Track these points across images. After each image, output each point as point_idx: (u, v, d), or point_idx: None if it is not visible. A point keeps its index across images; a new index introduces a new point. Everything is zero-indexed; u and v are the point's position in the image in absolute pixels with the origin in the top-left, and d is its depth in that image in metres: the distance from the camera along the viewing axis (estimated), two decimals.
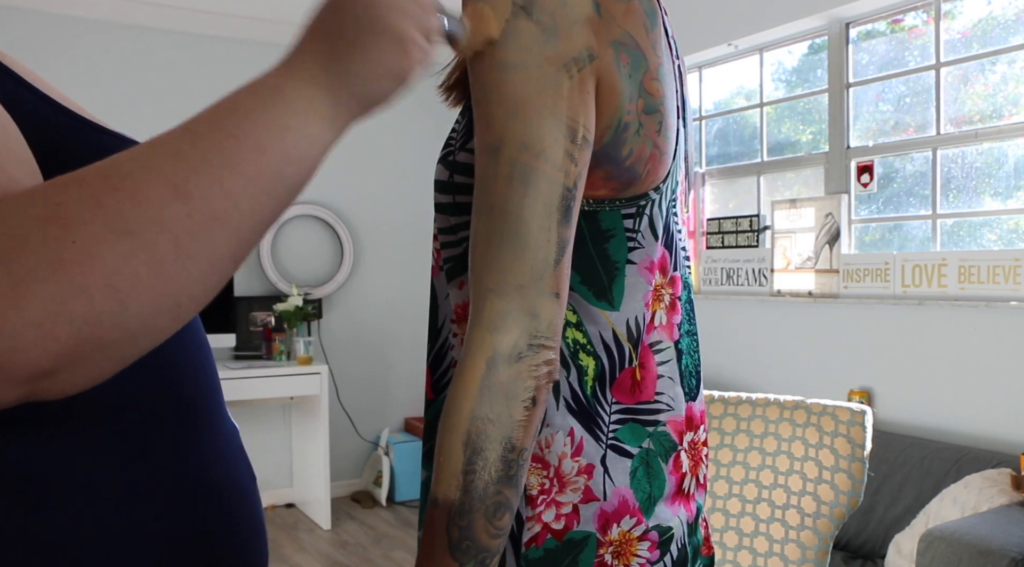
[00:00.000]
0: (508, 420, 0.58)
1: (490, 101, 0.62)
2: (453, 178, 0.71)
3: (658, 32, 0.69)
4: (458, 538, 0.58)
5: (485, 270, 0.61)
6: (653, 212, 0.71)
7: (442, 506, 0.59)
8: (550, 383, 0.61)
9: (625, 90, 0.65)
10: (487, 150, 0.62)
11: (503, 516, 0.59)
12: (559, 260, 0.61)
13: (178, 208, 0.44)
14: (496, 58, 0.62)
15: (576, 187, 0.62)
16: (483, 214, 0.62)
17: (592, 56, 0.63)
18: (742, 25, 3.48)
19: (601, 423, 0.69)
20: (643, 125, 0.67)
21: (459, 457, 0.58)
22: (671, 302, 0.75)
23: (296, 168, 0.49)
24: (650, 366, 0.72)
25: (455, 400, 0.59)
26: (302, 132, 0.49)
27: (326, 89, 0.51)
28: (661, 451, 0.72)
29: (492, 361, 0.58)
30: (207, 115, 0.48)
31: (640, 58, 0.66)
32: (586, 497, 0.67)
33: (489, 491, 0.58)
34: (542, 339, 0.60)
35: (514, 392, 0.59)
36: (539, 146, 0.60)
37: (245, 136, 0.47)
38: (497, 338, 0.59)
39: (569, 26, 0.62)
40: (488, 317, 0.59)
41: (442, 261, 0.75)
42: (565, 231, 0.62)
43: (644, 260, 0.71)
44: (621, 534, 0.68)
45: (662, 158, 0.70)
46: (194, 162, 0.45)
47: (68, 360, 0.42)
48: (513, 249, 0.60)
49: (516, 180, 0.60)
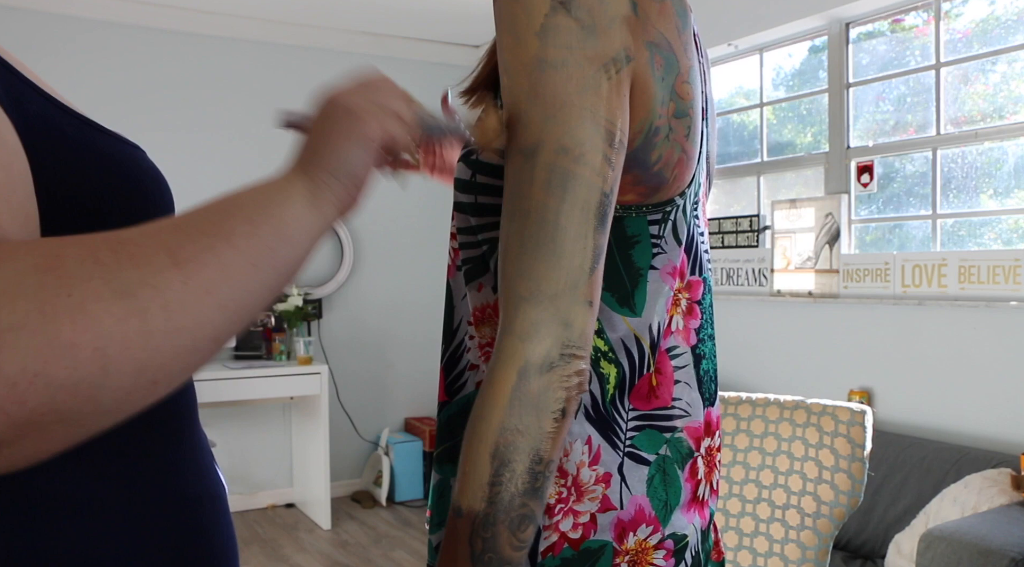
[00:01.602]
0: (537, 432, 0.57)
1: (527, 101, 0.60)
2: (475, 178, 0.70)
3: (688, 33, 0.68)
4: (481, 550, 0.57)
5: (518, 277, 0.59)
6: (677, 217, 0.70)
7: (466, 516, 0.58)
8: (580, 394, 0.59)
9: (658, 93, 0.64)
10: (522, 152, 0.60)
11: (527, 528, 0.58)
12: (594, 268, 0.60)
13: (174, 274, 0.43)
14: (534, 55, 0.59)
15: (612, 192, 0.61)
16: (517, 219, 0.60)
17: (629, 57, 0.61)
18: (742, 25, 3.48)
19: (619, 430, 0.68)
20: (673, 129, 0.66)
21: (486, 468, 0.57)
22: (688, 307, 0.73)
23: (287, 248, 0.50)
24: (667, 371, 0.71)
25: (484, 409, 0.58)
26: (289, 212, 0.51)
27: (302, 177, 0.54)
28: (678, 458, 0.71)
29: (524, 371, 0.57)
30: (202, 204, 0.49)
31: (673, 61, 0.65)
32: (603, 506, 0.67)
33: (515, 503, 0.57)
34: (574, 349, 0.58)
35: (544, 403, 0.57)
36: (578, 150, 0.58)
37: (238, 212, 0.48)
38: (529, 347, 0.57)
39: (608, 24, 0.60)
40: (521, 326, 0.58)
41: (460, 261, 0.74)
42: (601, 238, 0.60)
43: (666, 266, 0.70)
44: (637, 543, 0.67)
45: (688, 163, 0.69)
46: (190, 233, 0.46)
47: (25, 432, 0.39)
48: (548, 256, 0.58)
49: (554, 185, 0.58)
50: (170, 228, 0.46)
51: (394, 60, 4.62)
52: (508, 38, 0.61)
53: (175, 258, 0.44)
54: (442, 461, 0.75)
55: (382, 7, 4.08)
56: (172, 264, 0.44)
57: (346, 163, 0.55)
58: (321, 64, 4.43)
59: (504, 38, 0.61)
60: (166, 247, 0.44)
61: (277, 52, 4.33)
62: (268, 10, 4.09)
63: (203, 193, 4.13)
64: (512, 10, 0.60)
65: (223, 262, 0.46)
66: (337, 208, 0.54)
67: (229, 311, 0.46)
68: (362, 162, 0.55)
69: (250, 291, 0.47)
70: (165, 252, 0.44)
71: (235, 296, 0.46)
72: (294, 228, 0.51)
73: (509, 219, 0.61)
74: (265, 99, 4.29)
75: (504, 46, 0.62)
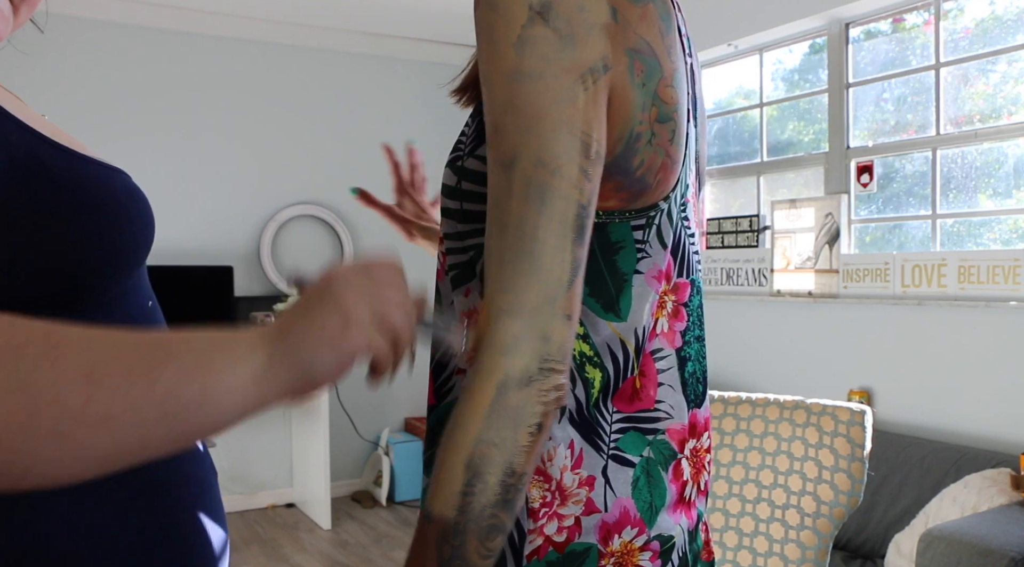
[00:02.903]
0: (512, 445, 0.58)
1: (504, 112, 0.60)
2: (461, 184, 0.70)
3: (672, 36, 0.67)
4: (449, 556, 0.58)
5: (498, 290, 0.59)
6: (662, 221, 0.70)
7: (436, 522, 0.58)
8: (558, 408, 0.60)
9: (637, 100, 0.64)
10: (500, 165, 0.60)
11: (495, 538, 0.59)
12: (572, 281, 0.60)
13: (81, 389, 0.43)
14: (511, 66, 0.59)
15: (590, 204, 0.61)
16: (497, 232, 0.60)
17: (607, 66, 0.61)
18: (742, 25, 3.48)
19: (603, 433, 0.69)
20: (656, 134, 0.65)
21: (459, 477, 0.57)
22: (674, 309, 0.73)
23: (208, 411, 0.48)
24: (650, 374, 0.71)
25: (462, 419, 0.58)
26: (228, 378, 0.48)
27: (264, 348, 0.51)
28: (661, 459, 0.71)
29: (503, 384, 0.57)
30: (157, 334, 0.48)
31: (655, 66, 0.64)
32: (588, 509, 0.67)
33: (485, 514, 0.58)
34: (553, 363, 0.59)
35: (522, 417, 0.58)
36: (554, 163, 0.58)
37: (179, 357, 0.47)
38: (509, 361, 0.58)
39: (586, 33, 0.60)
40: (500, 339, 0.58)
41: (447, 267, 0.74)
42: (579, 250, 0.60)
43: (651, 269, 0.70)
44: (623, 544, 0.68)
45: (673, 167, 0.68)
46: (122, 358, 0.45)
47: None
48: (527, 270, 0.58)
49: (532, 198, 0.58)
50: (107, 344, 0.45)
51: (394, 60, 4.62)
52: (486, 48, 0.61)
53: (91, 375, 0.43)
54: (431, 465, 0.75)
55: (382, 7, 4.08)
56: (85, 380, 0.43)
57: (312, 363, 0.52)
58: (321, 64, 4.43)
59: (483, 48, 0.61)
60: (91, 361, 0.44)
61: (277, 52, 4.33)
62: (268, 10, 4.09)
63: (203, 192, 4.14)
64: (490, 20, 0.60)
65: (135, 400, 0.45)
66: (282, 395, 0.52)
67: (119, 445, 0.45)
68: (329, 369, 0.52)
69: (149, 435, 0.46)
70: (88, 364, 0.44)
71: (131, 434, 0.45)
72: (226, 397, 0.48)
73: (490, 232, 0.61)
74: (265, 99, 4.29)
75: (483, 56, 0.61)
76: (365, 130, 4.56)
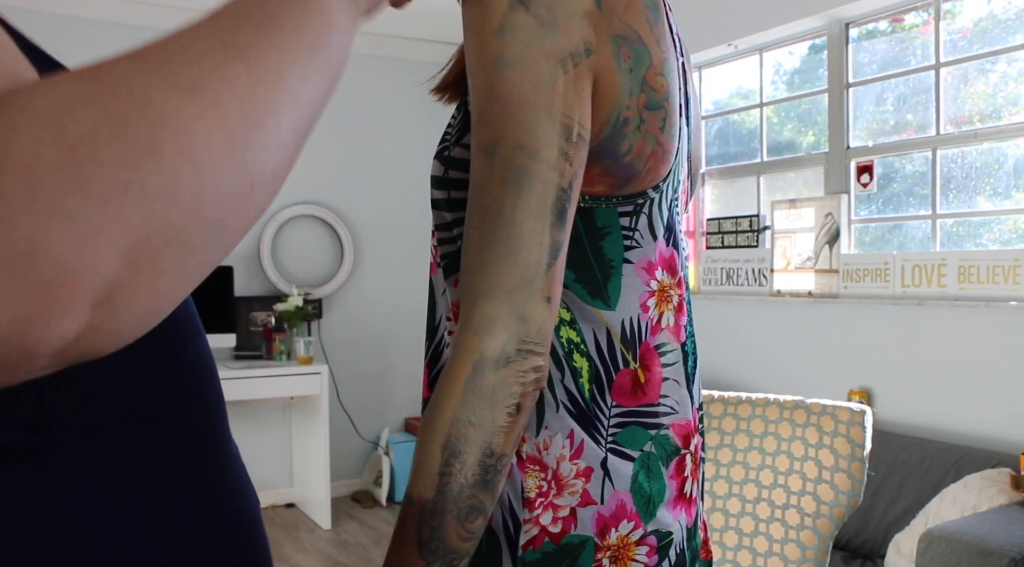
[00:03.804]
0: (490, 425, 0.58)
1: (487, 99, 0.61)
2: (448, 173, 0.70)
3: (662, 27, 0.68)
4: (428, 537, 0.59)
5: (476, 273, 0.60)
6: (652, 211, 0.70)
7: (415, 504, 0.59)
8: (537, 390, 0.60)
9: (624, 85, 0.64)
10: (483, 151, 0.61)
11: (476, 520, 0.59)
12: (551, 264, 0.60)
13: (236, 63, 0.39)
14: (493, 54, 0.60)
15: (572, 187, 0.61)
16: (476, 216, 0.61)
17: (589, 51, 0.62)
18: (742, 25, 3.48)
19: (600, 426, 0.69)
20: (644, 121, 0.66)
21: (436, 458, 0.58)
22: (679, 303, 0.74)
23: (334, 33, 0.46)
24: (655, 368, 0.71)
25: (438, 401, 0.59)
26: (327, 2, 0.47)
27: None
28: (663, 455, 0.71)
29: (479, 364, 0.58)
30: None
31: (643, 52, 0.65)
32: (584, 501, 0.67)
33: (464, 494, 0.58)
34: (531, 345, 0.59)
35: (499, 397, 0.58)
36: (533, 146, 0.59)
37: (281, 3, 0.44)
38: (485, 342, 0.58)
39: (568, 20, 0.61)
40: (477, 320, 0.59)
41: (439, 258, 0.75)
42: (559, 234, 0.61)
43: (642, 260, 0.70)
44: (619, 538, 0.68)
45: (664, 156, 0.69)
46: (238, 24, 0.41)
47: (136, 262, 0.34)
48: (504, 252, 0.59)
49: (510, 182, 0.59)
50: (211, 25, 0.41)
51: (394, 60, 4.62)
52: (471, 39, 0.62)
53: (230, 49, 0.39)
54: None
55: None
56: (230, 54, 0.39)
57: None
58: None
59: (468, 39, 0.63)
60: (218, 38, 0.39)
61: None
62: None
63: None
64: (475, 11, 0.62)
65: (277, 47, 0.42)
66: (368, 3, 0.52)
67: (300, 102, 0.42)
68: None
69: (313, 81, 0.44)
70: (219, 43, 0.39)
71: (301, 84, 0.42)
72: (337, 16, 0.47)
73: (470, 216, 0.62)
74: None
75: (468, 47, 0.63)
76: (365, 130, 4.56)
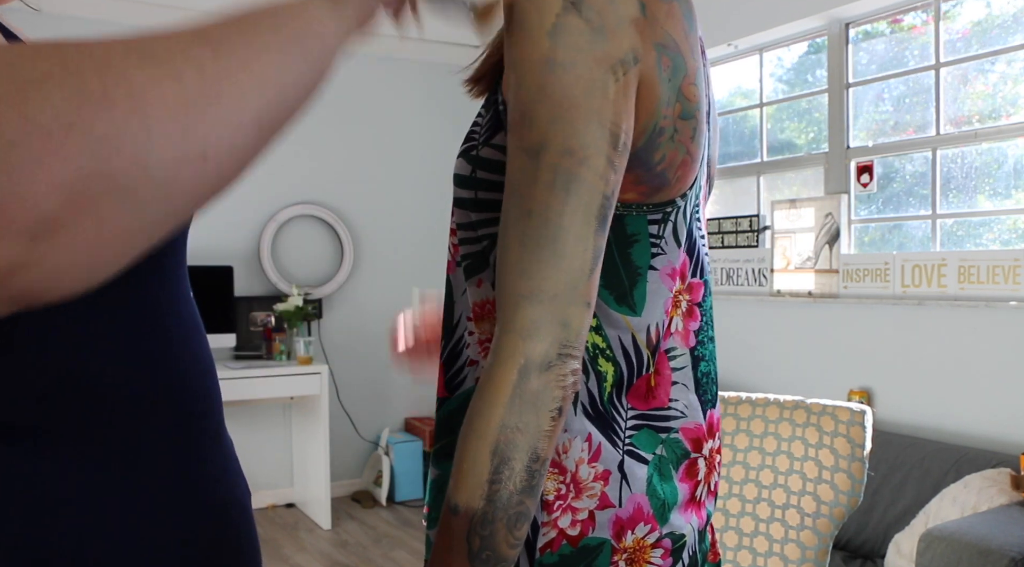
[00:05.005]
0: (536, 430, 0.58)
1: (534, 100, 0.60)
2: (475, 173, 0.70)
3: (695, 36, 0.68)
4: (479, 547, 0.58)
5: (519, 276, 0.59)
6: (678, 218, 0.70)
7: (463, 514, 0.58)
8: (574, 393, 0.60)
9: (664, 94, 0.64)
10: (526, 152, 0.60)
11: (523, 526, 0.59)
12: (593, 269, 0.60)
13: (203, 48, 0.41)
14: (544, 54, 0.60)
15: (614, 194, 0.61)
16: (518, 218, 0.60)
17: (637, 58, 0.62)
18: (742, 25, 3.48)
19: (618, 429, 0.69)
20: (678, 130, 0.66)
21: (486, 465, 0.57)
22: (688, 308, 0.74)
23: (312, 37, 0.48)
24: (665, 372, 0.71)
25: (484, 406, 0.58)
26: (311, 11, 0.49)
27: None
28: (673, 458, 0.71)
29: (524, 369, 0.58)
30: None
31: (680, 62, 0.65)
32: (602, 504, 0.67)
33: (513, 501, 0.58)
34: (571, 348, 0.59)
35: (543, 401, 0.58)
36: (583, 152, 0.59)
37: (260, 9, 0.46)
38: (530, 346, 0.58)
39: (616, 25, 0.61)
40: (521, 324, 0.58)
41: (459, 257, 0.75)
42: (600, 240, 0.61)
43: (666, 267, 0.70)
44: (635, 541, 0.68)
45: (692, 165, 0.69)
46: (213, 21, 0.43)
47: (76, 202, 0.35)
48: (550, 257, 0.59)
49: (558, 187, 0.59)
50: (193, 23, 0.43)
51: (394, 60, 4.62)
52: (519, 36, 0.61)
53: (203, 39, 0.41)
54: (440, 457, 0.76)
55: None
56: (201, 41, 0.41)
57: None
58: None
59: (514, 36, 0.62)
60: (193, 31, 0.42)
61: None
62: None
63: None
64: (525, 8, 0.61)
65: (252, 44, 0.43)
66: (357, 17, 0.53)
67: (267, 92, 0.43)
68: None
69: (284, 75, 0.45)
70: (192, 33, 0.41)
71: (270, 76, 0.43)
72: (317, 24, 0.48)
73: (509, 218, 0.61)
74: None
75: (514, 44, 0.62)
76: (366, 130, 4.55)
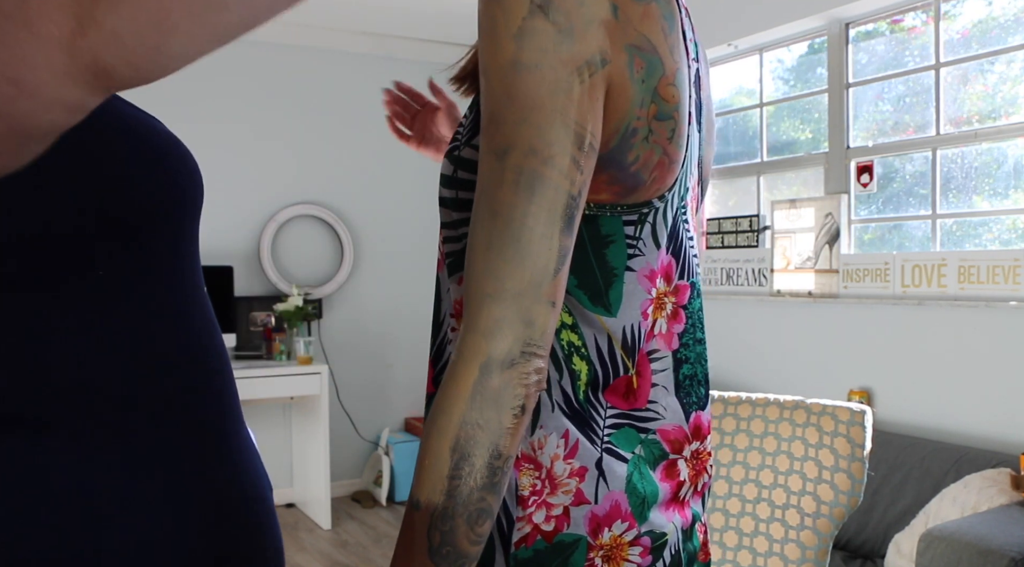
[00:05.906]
0: (497, 427, 0.58)
1: (501, 102, 0.60)
2: (457, 173, 0.71)
3: (676, 36, 0.68)
4: (439, 543, 0.58)
5: (484, 275, 0.60)
6: (656, 220, 0.70)
7: (424, 509, 0.58)
8: (539, 392, 0.61)
9: (636, 96, 0.64)
10: (493, 153, 0.61)
11: (484, 523, 0.59)
12: (558, 269, 0.61)
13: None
14: (509, 57, 0.60)
15: (580, 195, 0.62)
16: (484, 219, 0.61)
17: (605, 60, 0.62)
18: (742, 25, 3.49)
19: (596, 426, 0.69)
20: (653, 131, 0.66)
21: (446, 461, 0.58)
22: (673, 311, 0.74)
23: None
24: (646, 374, 0.72)
25: (446, 403, 0.59)
26: None
27: None
28: (650, 458, 0.72)
29: (486, 366, 0.58)
30: None
31: (656, 63, 0.65)
32: (577, 500, 0.68)
33: (473, 497, 0.58)
34: (535, 347, 0.60)
35: (505, 399, 0.58)
36: (547, 152, 0.59)
37: None
38: (492, 344, 0.58)
39: (584, 27, 0.61)
40: (484, 323, 0.59)
41: (444, 255, 0.75)
42: (567, 240, 0.61)
43: (644, 268, 0.70)
44: (612, 538, 0.68)
45: (671, 166, 0.69)
46: None
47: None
48: (514, 256, 0.59)
49: (522, 186, 0.59)
50: None
51: (394, 60, 4.62)
52: (486, 40, 0.62)
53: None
54: None
55: (383, 7, 4.08)
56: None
57: None
58: (322, 64, 4.43)
59: (483, 40, 0.62)
60: None
61: (277, 52, 4.33)
62: None
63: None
64: (492, 12, 0.61)
65: None
66: None
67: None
68: None
69: None
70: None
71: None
72: None
73: (477, 218, 0.62)
74: (265, 99, 4.29)
75: (483, 48, 0.62)
76: (365, 130, 4.56)
